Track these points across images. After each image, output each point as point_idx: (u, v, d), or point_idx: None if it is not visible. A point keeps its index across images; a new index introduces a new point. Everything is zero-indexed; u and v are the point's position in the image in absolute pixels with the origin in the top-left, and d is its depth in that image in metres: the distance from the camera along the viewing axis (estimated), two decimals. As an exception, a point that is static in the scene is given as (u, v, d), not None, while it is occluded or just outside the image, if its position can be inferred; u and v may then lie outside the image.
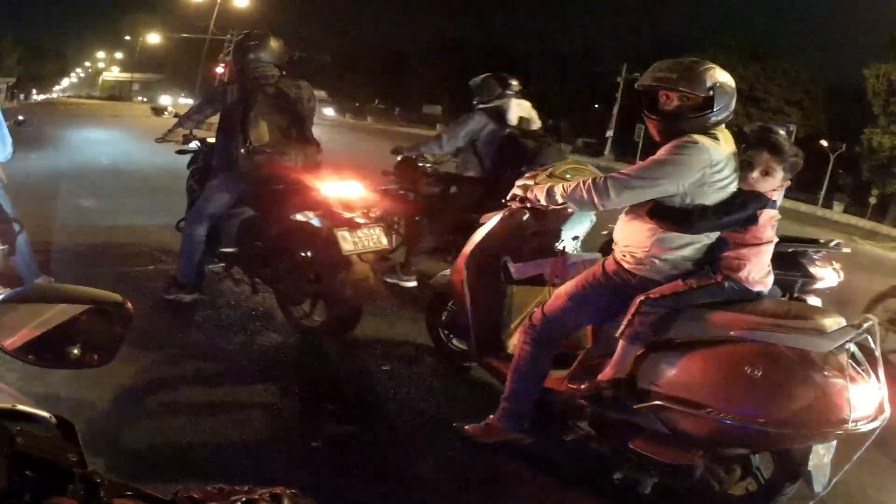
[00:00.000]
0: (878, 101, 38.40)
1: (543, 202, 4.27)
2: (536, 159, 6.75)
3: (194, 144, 7.18)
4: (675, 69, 4.02)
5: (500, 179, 6.38)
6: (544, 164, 5.40)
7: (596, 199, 3.98)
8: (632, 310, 3.99)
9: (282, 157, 6.27)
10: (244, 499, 1.26)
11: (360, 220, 5.79)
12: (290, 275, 6.16)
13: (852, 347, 3.62)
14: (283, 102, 6.37)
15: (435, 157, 8.15)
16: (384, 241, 5.93)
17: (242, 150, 6.17)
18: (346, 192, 5.94)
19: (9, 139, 5.98)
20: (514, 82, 8.02)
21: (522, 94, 7.94)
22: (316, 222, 5.84)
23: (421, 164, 8.09)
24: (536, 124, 7.92)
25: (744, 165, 4.03)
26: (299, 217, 5.90)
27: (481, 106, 7.83)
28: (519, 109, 7.83)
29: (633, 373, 4.06)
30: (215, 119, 6.78)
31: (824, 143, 42.25)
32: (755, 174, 3.98)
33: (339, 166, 6.51)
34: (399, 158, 8.27)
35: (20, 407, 1.35)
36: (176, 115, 8.03)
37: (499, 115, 7.69)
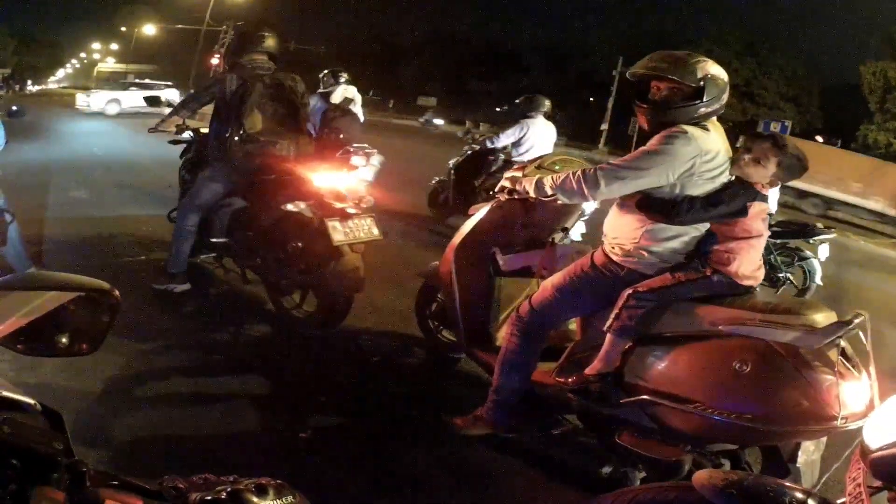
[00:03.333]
0: (873, 98, 38.64)
1: (532, 193, 4.26)
2: (331, 123, 7.23)
3: (187, 135, 7.20)
4: (666, 59, 4.02)
5: (320, 139, 7.17)
6: (338, 128, 6.82)
7: (585, 190, 3.97)
8: (619, 303, 3.97)
9: (274, 147, 6.33)
10: (229, 489, 1.26)
11: (352, 211, 5.80)
12: (281, 265, 6.16)
13: (843, 343, 3.60)
14: (280, 93, 6.46)
15: None
16: (375, 231, 5.92)
17: (236, 138, 6.21)
18: (337, 183, 5.95)
19: (1, 130, 5.96)
20: (345, 75, 11.39)
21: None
22: (307, 212, 5.86)
23: None
24: (358, 103, 11.12)
25: (740, 150, 4.02)
26: (290, 207, 5.93)
27: (319, 91, 11.01)
28: (344, 93, 10.90)
29: (620, 367, 4.06)
30: (207, 110, 6.81)
31: (819, 138, 42.36)
32: (747, 157, 3.96)
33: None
34: None
35: (6, 394, 1.34)
36: (169, 105, 8.04)
37: (327, 97, 10.69)
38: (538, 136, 10.87)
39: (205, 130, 7.06)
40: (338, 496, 3.73)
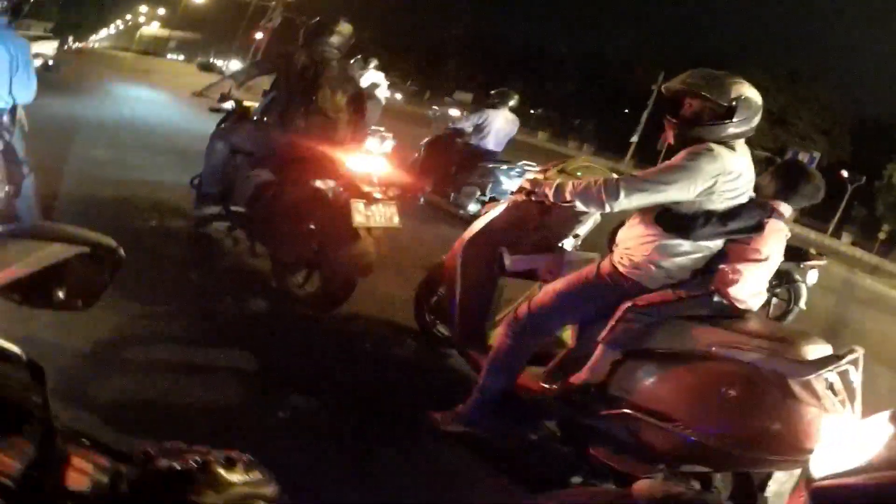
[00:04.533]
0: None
1: (551, 198, 4.24)
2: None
3: (229, 105, 7.25)
4: (703, 77, 4.05)
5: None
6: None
7: (605, 199, 3.96)
8: (617, 315, 3.98)
9: (336, 125, 6.64)
10: (198, 458, 1.26)
11: (378, 196, 5.86)
12: (295, 242, 6.21)
13: (832, 377, 3.58)
14: (345, 79, 6.81)
15: None
16: (396, 220, 5.98)
17: (303, 109, 6.52)
18: (371, 168, 6.04)
19: (34, 80, 5.98)
20: (374, 61, 14.38)
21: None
22: (334, 191, 5.96)
23: None
24: (383, 88, 13.03)
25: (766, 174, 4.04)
26: (319, 183, 6.03)
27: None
28: (372, 77, 12.65)
29: (607, 378, 4.05)
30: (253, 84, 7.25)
31: (845, 173, 42.24)
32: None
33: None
34: None
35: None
36: (220, 73, 8.17)
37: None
38: (497, 125, 12.10)
39: (248, 103, 7.24)
40: (306, 478, 3.72)
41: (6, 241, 1.44)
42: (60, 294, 1.51)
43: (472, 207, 11.77)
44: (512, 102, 12.27)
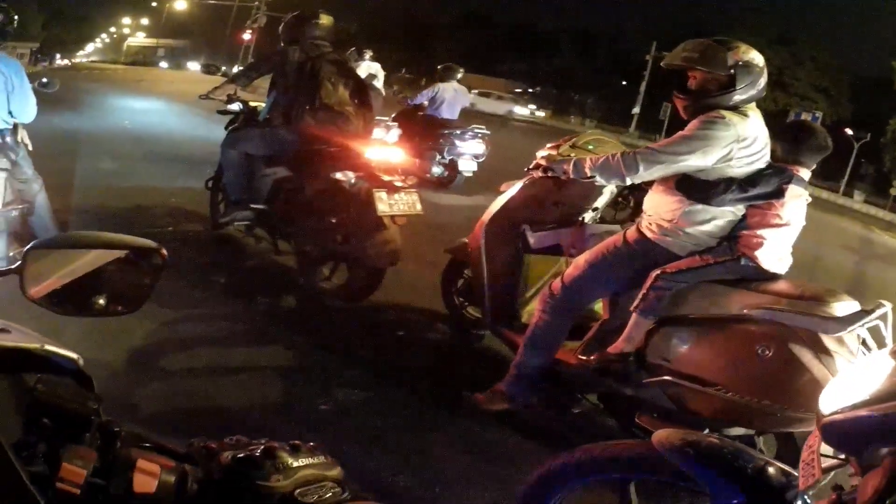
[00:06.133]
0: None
1: (571, 174, 4.26)
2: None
3: (236, 106, 7.27)
4: (697, 48, 4.07)
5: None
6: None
7: (624, 172, 4.02)
8: (647, 283, 4.01)
9: (345, 118, 6.56)
10: (264, 447, 1.28)
11: (399, 184, 5.90)
12: (319, 235, 6.23)
13: (863, 333, 3.61)
14: (343, 70, 6.74)
15: None
16: (419, 206, 6.02)
17: (308, 107, 6.45)
18: (389, 157, 6.12)
19: (32, 100, 5.99)
20: (369, 52, 15.09)
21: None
22: (354, 183, 5.95)
23: None
24: (379, 78, 13.19)
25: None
26: (339, 176, 6.01)
27: None
28: (368, 69, 12.96)
29: (643, 347, 4.08)
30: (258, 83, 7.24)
31: (849, 131, 42.00)
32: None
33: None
34: None
35: (48, 347, 1.36)
36: (224, 75, 8.16)
37: None
38: (448, 95, 13.55)
39: (254, 104, 7.23)
40: (354, 468, 3.76)
41: (43, 252, 1.45)
42: (101, 301, 1.51)
43: (436, 170, 13.46)
44: (458, 76, 13.80)
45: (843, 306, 3.62)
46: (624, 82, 66.41)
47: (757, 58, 4.05)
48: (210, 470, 1.26)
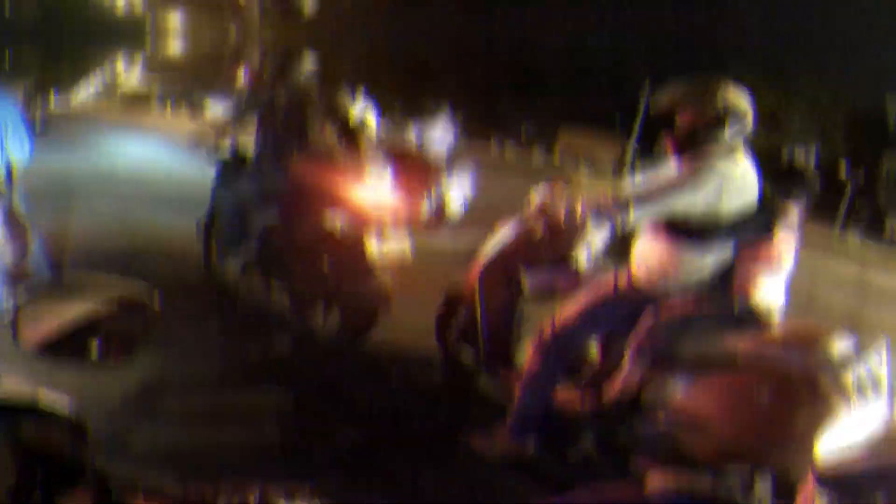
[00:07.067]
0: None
1: (563, 220, 4.27)
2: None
3: (230, 148, 7.21)
4: (685, 91, 4.13)
5: None
6: None
7: (616, 216, 4.04)
8: (640, 326, 4.00)
9: (335, 158, 6.53)
10: (258, 492, 1.28)
11: (390, 225, 5.96)
12: (311, 277, 6.23)
13: (861, 370, 3.60)
14: (332, 110, 6.79)
15: None
16: (410, 247, 6.08)
17: (297, 147, 6.46)
18: (379, 197, 6.11)
19: (29, 141, 6.01)
20: (362, 89, 11.62)
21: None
22: (344, 224, 5.97)
23: None
24: (372, 116, 10.45)
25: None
26: (327, 220, 6.03)
27: None
28: (359, 106, 10.80)
29: (638, 389, 4.07)
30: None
31: (844, 167, 42.09)
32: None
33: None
34: None
35: (42, 394, 1.35)
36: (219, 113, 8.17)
37: None
38: (438, 134, 12.75)
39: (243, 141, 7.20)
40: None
41: (38, 297, 1.45)
42: (95, 350, 1.50)
43: (427, 209, 12.62)
44: (448, 112, 13.29)
45: (840, 344, 3.63)
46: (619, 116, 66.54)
47: (742, 98, 4.10)
48: None
